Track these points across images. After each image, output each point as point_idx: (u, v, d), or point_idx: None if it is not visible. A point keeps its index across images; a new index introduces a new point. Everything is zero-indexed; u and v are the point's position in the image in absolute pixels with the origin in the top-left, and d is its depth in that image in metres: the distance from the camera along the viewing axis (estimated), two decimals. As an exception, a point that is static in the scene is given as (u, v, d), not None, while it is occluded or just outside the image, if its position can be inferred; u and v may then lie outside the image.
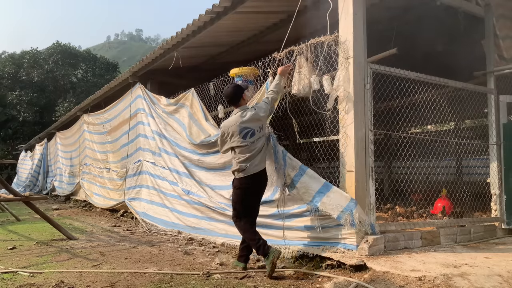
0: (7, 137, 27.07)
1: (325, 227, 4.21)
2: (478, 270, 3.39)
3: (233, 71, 5.48)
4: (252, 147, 4.07)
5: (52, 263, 4.51)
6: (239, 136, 4.06)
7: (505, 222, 5.32)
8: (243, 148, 4.06)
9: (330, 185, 4.19)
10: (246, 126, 4.08)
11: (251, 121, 4.09)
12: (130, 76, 8.76)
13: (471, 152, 5.57)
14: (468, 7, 5.49)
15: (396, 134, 4.94)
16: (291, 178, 4.34)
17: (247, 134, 4.07)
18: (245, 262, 4.11)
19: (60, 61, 30.35)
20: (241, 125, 4.08)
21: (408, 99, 5.25)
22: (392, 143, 7.88)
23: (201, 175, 6.27)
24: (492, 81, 5.55)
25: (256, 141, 4.10)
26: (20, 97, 27.33)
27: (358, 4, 4.28)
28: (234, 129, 4.10)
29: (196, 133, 6.53)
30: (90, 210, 10.62)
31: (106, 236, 6.44)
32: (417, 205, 5.99)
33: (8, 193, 8.19)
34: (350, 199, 4.03)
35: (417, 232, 4.47)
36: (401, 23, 6.18)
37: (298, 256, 4.29)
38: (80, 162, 12.30)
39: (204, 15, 5.83)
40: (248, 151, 4.05)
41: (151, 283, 3.64)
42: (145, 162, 7.95)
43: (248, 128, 4.08)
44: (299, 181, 4.30)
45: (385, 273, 3.41)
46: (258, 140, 4.12)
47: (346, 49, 4.23)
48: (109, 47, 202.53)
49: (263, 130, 4.21)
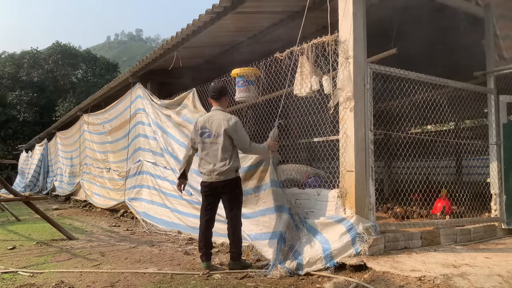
0: (7, 137, 27.07)
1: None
2: (478, 270, 3.39)
3: (234, 71, 5.48)
4: (210, 148, 4.19)
5: (52, 263, 4.51)
6: (199, 133, 4.25)
7: (505, 222, 5.32)
8: (203, 145, 4.24)
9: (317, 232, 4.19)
10: (206, 126, 4.23)
11: (214, 121, 4.20)
12: (130, 76, 8.76)
13: (471, 152, 5.58)
14: (468, 7, 5.49)
15: (396, 134, 4.94)
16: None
17: (205, 133, 4.23)
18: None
19: (60, 61, 30.32)
20: (204, 122, 4.25)
21: (408, 99, 5.25)
22: (392, 143, 7.89)
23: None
24: (492, 81, 5.55)
25: (214, 143, 4.18)
26: (20, 97, 27.33)
27: (358, 4, 4.28)
28: (199, 123, 4.29)
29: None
30: (90, 210, 10.63)
31: (106, 236, 6.44)
32: (417, 205, 5.99)
33: (8, 193, 8.18)
34: (347, 222, 4.04)
35: (417, 232, 4.47)
36: (401, 23, 6.18)
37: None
38: (80, 162, 12.31)
39: (204, 15, 5.83)
40: (205, 149, 4.21)
41: (151, 283, 3.64)
42: (145, 162, 7.95)
43: (206, 129, 4.22)
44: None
45: (385, 273, 3.41)
46: (216, 143, 4.18)
47: (346, 49, 4.24)
48: (109, 47, 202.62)
49: (220, 137, 4.16)
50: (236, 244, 4.17)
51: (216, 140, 4.18)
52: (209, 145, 4.22)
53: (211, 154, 4.20)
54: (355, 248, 3.89)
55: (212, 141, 4.20)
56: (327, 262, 3.85)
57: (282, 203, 4.58)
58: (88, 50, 37.54)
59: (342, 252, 3.89)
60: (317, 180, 5.34)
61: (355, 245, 3.89)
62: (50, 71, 29.39)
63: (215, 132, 4.19)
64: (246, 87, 5.43)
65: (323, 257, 3.89)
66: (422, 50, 6.87)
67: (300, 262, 3.94)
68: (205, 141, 4.23)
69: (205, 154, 4.23)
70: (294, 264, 3.91)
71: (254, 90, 5.41)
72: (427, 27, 6.22)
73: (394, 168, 10.71)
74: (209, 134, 4.22)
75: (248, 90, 5.42)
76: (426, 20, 6.08)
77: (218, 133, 4.18)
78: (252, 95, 5.46)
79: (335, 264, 3.81)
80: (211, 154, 4.20)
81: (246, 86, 5.43)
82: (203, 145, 4.25)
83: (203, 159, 4.25)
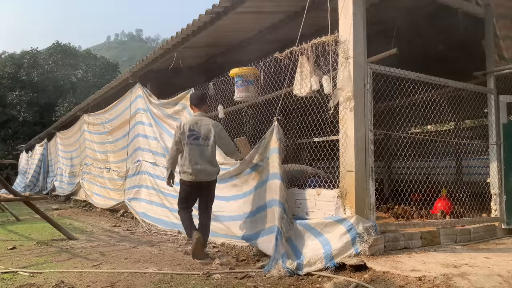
0: (7, 137, 27.06)
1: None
2: (478, 270, 3.39)
3: (233, 71, 5.48)
4: (198, 149, 4.56)
5: (52, 263, 4.51)
6: (186, 135, 4.59)
7: (505, 222, 5.32)
8: (190, 146, 4.57)
9: (317, 232, 4.18)
10: (194, 129, 4.61)
11: (201, 125, 4.63)
12: (130, 76, 8.76)
13: (471, 152, 5.57)
14: (468, 7, 5.49)
15: (396, 134, 4.94)
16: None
17: (193, 136, 4.60)
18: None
19: (60, 61, 30.32)
20: (191, 125, 4.63)
21: (408, 99, 5.25)
22: (392, 143, 7.88)
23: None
24: (492, 81, 5.55)
25: (201, 145, 4.59)
26: (20, 97, 27.32)
27: (358, 4, 4.28)
28: (186, 126, 4.64)
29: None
30: (90, 210, 10.63)
31: (106, 236, 6.44)
32: (417, 205, 5.99)
33: (8, 193, 8.18)
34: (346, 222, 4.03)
35: (417, 232, 4.47)
36: (401, 23, 6.18)
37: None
38: (81, 162, 12.31)
39: (204, 15, 5.83)
40: (192, 151, 4.55)
41: (151, 283, 3.64)
42: (144, 162, 7.95)
43: (195, 132, 4.60)
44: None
45: (385, 273, 3.41)
46: (204, 145, 4.59)
47: (346, 49, 4.23)
48: (109, 47, 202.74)
49: (210, 139, 4.61)
50: (206, 236, 4.66)
51: (205, 143, 4.51)
52: (197, 147, 4.49)
53: (199, 155, 4.48)
54: (355, 248, 3.89)
55: (200, 143, 4.50)
56: (327, 262, 3.85)
57: (274, 197, 4.58)
58: (88, 50, 37.50)
59: (342, 252, 3.89)
60: (317, 180, 5.33)
61: (355, 245, 3.89)
62: (50, 71, 29.37)
63: (204, 135, 4.52)
64: (245, 87, 5.43)
65: (323, 257, 3.90)
66: (422, 50, 6.87)
67: (300, 262, 3.94)
68: (193, 142, 4.54)
69: (192, 155, 4.46)
70: (295, 264, 3.91)
71: (254, 90, 5.41)
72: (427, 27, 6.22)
73: (394, 168, 10.70)
74: (197, 137, 4.56)
75: (247, 90, 5.42)
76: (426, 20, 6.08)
77: (207, 136, 4.52)
78: (251, 95, 5.46)
79: (335, 264, 3.81)
80: (199, 156, 4.48)
81: (245, 86, 5.43)
82: (190, 146, 4.53)
83: (188, 159, 4.47)
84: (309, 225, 4.29)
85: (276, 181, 4.59)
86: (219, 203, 5.59)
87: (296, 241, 4.30)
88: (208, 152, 4.55)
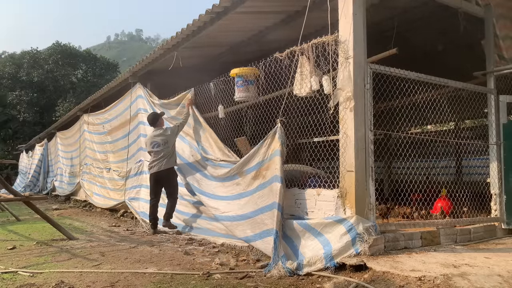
0: (7, 137, 27.08)
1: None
2: (478, 270, 3.39)
3: (233, 71, 5.48)
4: (159, 153, 6.37)
5: (52, 263, 4.51)
6: (150, 146, 6.48)
7: (505, 222, 5.32)
8: (154, 152, 6.43)
9: (317, 231, 4.19)
10: (154, 140, 6.45)
11: (158, 137, 6.45)
12: (130, 76, 8.76)
13: (471, 152, 5.57)
14: (468, 7, 5.49)
15: (396, 134, 4.94)
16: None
17: (155, 145, 6.43)
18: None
19: (60, 61, 30.33)
20: (152, 139, 6.50)
21: (408, 99, 5.25)
22: (392, 143, 7.88)
23: (203, 179, 6.29)
24: (492, 81, 5.54)
25: (161, 150, 6.36)
26: (20, 97, 27.34)
27: (358, 4, 4.28)
28: (148, 140, 6.57)
29: (197, 133, 6.54)
30: (90, 210, 10.63)
31: (106, 236, 6.45)
32: (417, 205, 5.99)
33: (8, 193, 8.18)
34: (346, 222, 4.03)
35: (417, 232, 4.47)
36: (401, 23, 6.18)
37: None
38: (81, 162, 12.31)
39: (204, 15, 5.83)
40: (156, 155, 6.39)
41: (151, 283, 3.64)
42: (145, 162, 7.94)
43: (155, 141, 6.43)
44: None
45: (385, 273, 3.41)
46: (163, 150, 6.37)
47: (346, 49, 4.23)
48: (109, 47, 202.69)
49: (167, 144, 6.40)
50: (171, 212, 6.41)
51: (163, 148, 6.38)
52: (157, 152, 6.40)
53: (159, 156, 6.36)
54: (355, 248, 3.89)
55: (160, 149, 6.38)
56: (327, 262, 3.85)
57: (275, 200, 4.59)
58: (88, 50, 37.49)
59: (342, 252, 3.89)
60: (317, 180, 5.33)
61: (355, 245, 3.89)
62: (50, 71, 29.38)
63: (162, 142, 6.40)
64: (245, 87, 5.44)
65: (323, 257, 3.90)
66: (422, 50, 6.87)
67: (300, 262, 3.94)
68: (155, 149, 6.40)
69: (157, 158, 6.37)
70: (295, 264, 3.91)
71: (254, 90, 5.41)
72: (427, 27, 6.22)
73: (394, 168, 10.70)
74: (157, 145, 6.39)
75: (248, 90, 5.43)
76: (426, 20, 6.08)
77: (165, 142, 6.41)
78: (252, 95, 5.46)
79: (335, 264, 3.81)
80: (159, 157, 6.36)
81: (246, 86, 5.43)
82: (155, 153, 6.40)
83: (155, 161, 6.40)
84: (309, 225, 4.29)
85: (277, 184, 4.61)
86: (219, 203, 5.60)
87: (296, 241, 4.31)
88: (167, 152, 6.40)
